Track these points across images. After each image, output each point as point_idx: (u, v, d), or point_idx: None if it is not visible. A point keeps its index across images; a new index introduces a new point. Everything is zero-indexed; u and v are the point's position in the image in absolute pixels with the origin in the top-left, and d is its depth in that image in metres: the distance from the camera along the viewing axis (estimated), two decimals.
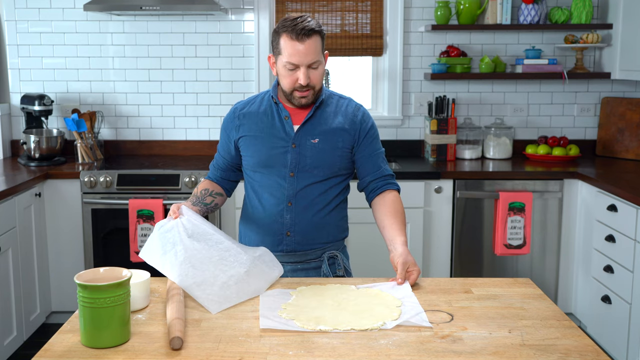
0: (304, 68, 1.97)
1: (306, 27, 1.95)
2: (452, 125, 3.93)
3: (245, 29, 4.06)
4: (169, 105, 4.13)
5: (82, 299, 1.44)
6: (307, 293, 1.80)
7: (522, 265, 3.68)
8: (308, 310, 1.67)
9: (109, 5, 3.64)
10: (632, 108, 4.00)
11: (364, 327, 1.56)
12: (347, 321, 1.60)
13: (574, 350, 1.47)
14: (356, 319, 1.61)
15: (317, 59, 1.98)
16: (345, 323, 1.58)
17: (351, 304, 1.71)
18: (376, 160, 2.14)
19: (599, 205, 3.33)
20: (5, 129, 4.07)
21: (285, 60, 1.97)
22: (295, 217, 2.08)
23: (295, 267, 2.11)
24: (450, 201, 3.61)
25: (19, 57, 4.07)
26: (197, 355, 1.43)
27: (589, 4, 3.85)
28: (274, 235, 2.10)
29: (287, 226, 2.08)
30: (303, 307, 1.69)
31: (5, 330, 3.15)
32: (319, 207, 2.09)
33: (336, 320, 1.60)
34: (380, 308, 1.68)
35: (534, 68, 3.91)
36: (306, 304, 1.72)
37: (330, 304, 1.72)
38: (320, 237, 2.11)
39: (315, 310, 1.67)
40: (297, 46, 1.95)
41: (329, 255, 2.14)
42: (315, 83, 2.01)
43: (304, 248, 2.10)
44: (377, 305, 1.70)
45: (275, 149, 2.06)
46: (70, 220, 3.59)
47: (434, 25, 3.89)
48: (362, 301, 1.74)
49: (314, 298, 1.76)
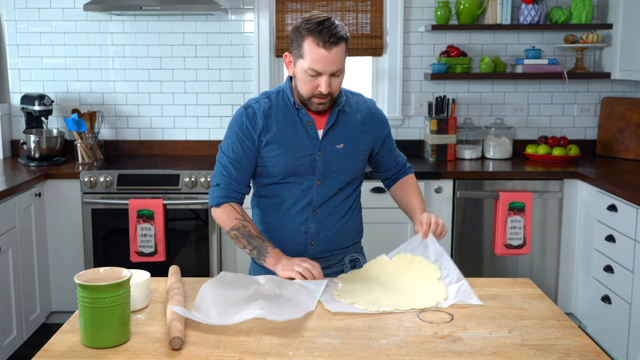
0: (326, 76, 1.86)
1: (335, 34, 1.82)
2: (452, 125, 3.93)
3: (245, 29, 4.06)
4: (169, 105, 4.13)
5: (82, 299, 1.44)
6: (351, 278, 1.86)
7: (522, 265, 3.68)
8: (362, 294, 1.75)
9: (109, 5, 3.64)
10: (632, 108, 4.00)
11: (422, 306, 1.69)
12: (405, 302, 1.70)
13: (574, 350, 1.47)
14: (411, 299, 1.72)
15: (341, 67, 1.88)
16: (405, 304, 1.69)
17: (397, 283, 1.80)
18: (394, 153, 2.19)
19: (599, 205, 3.33)
20: (5, 129, 4.07)
21: (307, 66, 1.85)
22: (319, 226, 2.02)
23: None
24: (450, 201, 3.61)
25: (19, 57, 4.07)
26: (197, 355, 1.43)
27: (589, 4, 3.85)
28: (296, 246, 2.03)
29: (311, 236, 2.03)
30: (356, 292, 1.76)
31: (5, 330, 3.15)
32: (341, 213, 2.05)
33: (394, 301, 1.70)
34: (425, 285, 1.79)
35: (534, 68, 3.91)
36: (356, 289, 1.78)
37: (377, 287, 1.80)
38: (342, 242, 2.08)
39: (368, 294, 1.75)
40: (323, 54, 1.83)
41: (350, 259, 2.12)
42: (335, 90, 1.92)
43: (326, 255, 2.06)
44: (420, 279, 1.80)
45: (302, 158, 1.96)
46: (70, 220, 3.59)
47: (434, 25, 3.89)
48: (403, 275, 1.82)
49: (359, 282, 1.82)
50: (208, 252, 3.59)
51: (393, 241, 3.58)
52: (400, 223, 3.59)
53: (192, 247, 3.61)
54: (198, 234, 3.60)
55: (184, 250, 3.61)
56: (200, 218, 3.59)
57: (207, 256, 3.59)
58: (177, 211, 3.58)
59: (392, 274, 1.83)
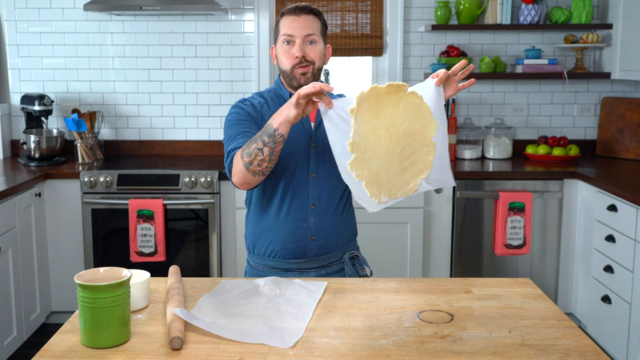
0: (299, 40, 1.96)
1: (303, 5, 1.99)
2: (452, 125, 3.93)
3: (245, 29, 4.06)
4: (169, 105, 4.13)
5: (82, 299, 1.44)
6: (365, 117, 1.74)
7: (522, 265, 3.68)
8: (369, 156, 1.73)
9: (109, 5, 3.64)
10: (632, 108, 4.00)
11: (406, 187, 1.77)
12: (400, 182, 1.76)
13: (574, 350, 1.47)
14: (404, 176, 1.77)
15: (314, 34, 1.98)
16: (397, 187, 1.76)
17: (400, 133, 1.76)
18: None
19: (599, 205, 3.33)
20: (5, 129, 4.07)
21: (282, 34, 1.98)
22: (319, 220, 2.03)
23: (319, 273, 2.07)
24: (450, 201, 3.61)
25: (19, 57, 4.07)
26: (197, 355, 1.42)
27: (589, 4, 3.85)
28: (297, 242, 2.03)
29: (312, 230, 2.03)
30: (364, 148, 1.72)
31: (5, 330, 3.15)
32: (340, 208, 2.06)
33: (391, 183, 1.75)
34: (420, 145, 1.78)
35: (534, 68, 3.91)
36: (364, 143, 1.73)
37: (382, 143, 1.75)
38: (341, 237, 2.09)
39: (373, 160, 1.73)
40: (293, 20, 1.97)
41: (350, 256, 2.11)
42: (314, 59, 1.99)
43: (326, 252, 2.06)
44: (419, 133, 1.78)
45: (296, 150, 2.00)
46: (70, 220, 3.59)
47: (434, 25, 3.89)
48: (409, 120, 1.77)
49: (371, 131, 1.74)
50: (208, 252, 3.59)
51: (393, 241, 3.60)
52: (401, 223, 3.60)
53: (192, 247, 3.61)
54: (198, 234, 3.60)
55: (184, 250, 3.61)
56: (200, 218, 3.59)
57: (207, 256, 3.59)
58: (177, 211, 3.58)
59: (399, 118, 1.77)
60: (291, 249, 2.03)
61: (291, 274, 2.06)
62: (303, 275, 2.05)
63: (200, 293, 1.78)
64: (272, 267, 2.07)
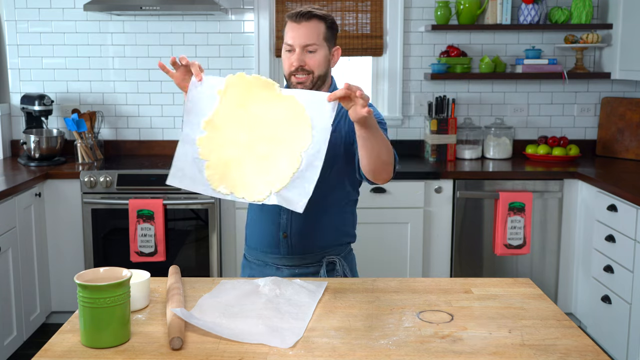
0: (298, 49, 1.94)
1: (305, 10, 1.95)
2: (452, 125, 3.93)
3: (245, 29, 4.06)
4: (169, 105, 4.13)
5: (82, 299, 1.44)
6: (232, 102, 1.73)
7: (522, 265, 3.68)
8: (220, 147, 1.70)
9: (109, 5, 3.64)
10: (632, 108, 4.00)
11: (252, 198, 1.69)
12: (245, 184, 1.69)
13: (574, 350, 1.47)
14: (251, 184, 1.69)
15: (313, 42, 1.94)
16: (242, 187, 1.69)
17: (262, 142, 1.71)
18: None
19: (599, 205, 3.33)
20: (5, 129, 4.07)
21: (284, 43, 1.98)
22: (291, 219, 2.02)
23: (293, 272, 2.06)
24: (450, 201, 3.61)
25: (19, 57, 4.07)
26: (197, 355, 1.42)
27: (589, 4, 3.85)
28: (270, 237, 2.06)
29: (283, 227, 2.04)
30: (217, 142, 1.70)
31: (5, 330, 3.15)
32: (319, 208, 2.00)
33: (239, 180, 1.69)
34: (283, 158, 1.70)
35: (534, 68, 3.91)
36: (221, 135, 1.71)
37: (244, 137, 1.71)
38: (318, 240, 2.05)
39: (226, 148, 1.70)
40: (294, 27, 1.95)
41: (328, 261, 2.07)
42: (313, 68, 1.95)
43: (300, 252, 2.05)
44: (290, 128, 1.70)
45: None
46: (70, 220, 3.59)
47: (434, 25, 3.89)
48: (272, 136, 1.71)
49: (234, 114, 1.72)
50: (208, 252, 3.59)
51: (393, 241, 3.60)
52: (401, 223, 3.60)
53: (192, 247, 3.61)
54: (198, 234, 3.60)
55: (184, 250, 3.61)
56: (200, 218, 3.59)
57: (207, 256, 3.59)
58: (177, 211, 3.58)
59: (269, 119, 1.72)
60: (267, 243, 2.07)
61: (269, 268, 2.08)
62: (278, 271, 2.06)
63: (200, 293, 1.78)
64: (256, 259, 2.12)
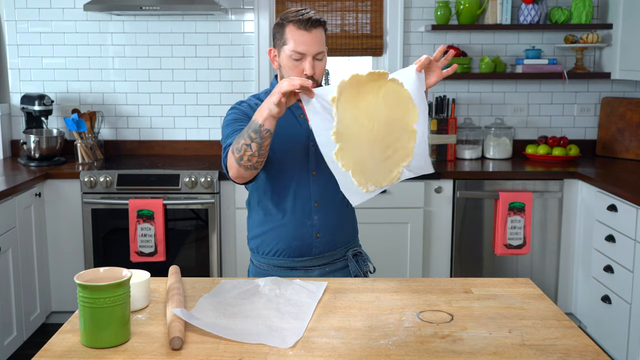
0: (310, 57, 1.92)
1: (312, 18, 1.92)
2: (452, 125, 3.93)
3: (245, 29, 4.06)
4: (169, 105, 4.13)
5: (82, 299, 1.44)
6: (346, 105, 1.75)
7: (522, 265, 3.68)
8: (353, 143, 1.74)
9: (109, 5, 3.64)
10: (632, 108, 4.00)
11: (391, 182, 1.79)
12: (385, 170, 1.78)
13: (574, 350, 1.47)
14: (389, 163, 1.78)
15: (322, 50, 1.95)
16: (382, 176, 1.78)
17: (382, 119, 1.77)
18: None
19: (599, 205, 3.33)
20: (5, 129, 4.07)
21: (291, 50, 1.91)
22: (323, 217, 2.04)
23: (324, 270, 2.08)
24: (450, 201, 3.61)
25: (19, 57, 4.07)
26: (197, 355, 1.42)
27: (589, 4, 3.85)
28: (302, 240, 2.04)
29: (316, 228, 2.04)
30: (348, 137, 1.73)
31: (5, 330, 3.15)
32: (342, 205, 2.07)
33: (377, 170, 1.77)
34: (402, 131, 1.78)
35: (534, 68, 3.91)
36: (348, 132, 1.74)
37: (366, 130, 1.76)
38: (344, 234, 2.11)
39: (358, 146, 1.75)
40: (304, 35, 1.91)
41: (354, 253, 2.13)
42: (319, 76, 1.97)
43: (330, 249, 2.08)
44: (401, 120, 1.78)
45: (296, 148, 2.00)
46: (70, 220, 3.59)
47: (434, 25, 3.89)
48: (390, 108, 1.77)
49: (353, 119, 1.76)
50: (208, 252, 3.59)
51: (393, 241, 3.60)
52: (401, 223, 3.60)
53: (192, 247, 3.61)
54: (198, 234, 3.60)
55: (184, 250, 3.61)
56: (200, 218, 3.59)
57: (207, 256, 3.59)
58: (177, 211, 3.58)
59: (380, 106, 1.77)
60: (296, 247, 2.04)
61: (296, 272, 2.06)
62: (308, 273, 2.06)
63: (200, 293, 1.78)
64: (277, 266, 2.08)
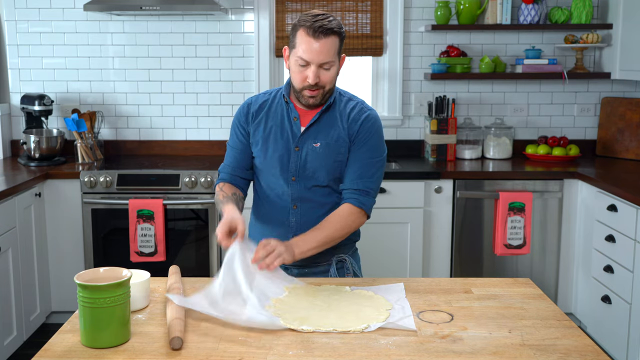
0: (314, 66, 1.90)
1: (324, 26, 1.87)
2: (452, 125, 3.93)
3: (245, 29, 4.06)
4: (169, 105, 4.13)
5: (82, 299, 1.44)
6: (300, 292, 1.79)
7: (522, 265, 3.68)
8: (296, 310, 1.66)
9: (109, 5, 3.64)
10: (632, 108, 4.00)
11: (346, 328, 1.56)
12: (331, 322, 1.59)
13: (574, 350, 1.47)
14: (341, 321, 1.59)
15: (330, 60, 1.91)
16: (329, 324, 1.57)
17: (341, 305, 1.70)
18: (358, 168, 2.02)
19: (599, 205, 3.33)
20: (5, 129, 4.07)
21: (297, 55, 1.91)
22: (300, 220, 2.05)
23: (302, 271, 2.08)
24: (450, 201, 3.61)
25: (19, 57, 4.07)
26: (197, 355, 1.43)
27: (589, 4, 3.85)
28: (280, 237, 2.02)
29: (292, 229, 2.05)
30: (292, 306, 1.69)
31: (5, 330, 3.15)
32: (324, 210, 2.04)
33: (320, 322, 1.59)
34: (368, 310, 1.67)
35: (534, 68, 3.91)
36: (295, 303, 1.71)
37: (320, 304, 1.71)
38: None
39: (302, 311, 1.66)
40: (311, 43, 1.88)
41: (338, 259, 2.11)
42: (325, 84, 1.95)
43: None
44: (367, 307, 1.69)
45: (279, 151, 2.02)
46: (70, 220, 3.59)
47: (434, 25, 3.89)
48: (353, 302, 1.72)
49: (305, 298, 1.75)
50: (208, 252, 3.59)
51: (393, 241, 3.60)
52: (401, 223, 3.60)
53: (192, 247, 3.61)
54: (198, 234, 3.60)
55: (184, 250, 3.61)
56: (200, 218, 3.59)
57: (207, 256, 3.59)
58: (177, 211, 3.58)
59: (344, 298, 1.75)
60: None
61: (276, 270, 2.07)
62: (287, 271, 2.05)
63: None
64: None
